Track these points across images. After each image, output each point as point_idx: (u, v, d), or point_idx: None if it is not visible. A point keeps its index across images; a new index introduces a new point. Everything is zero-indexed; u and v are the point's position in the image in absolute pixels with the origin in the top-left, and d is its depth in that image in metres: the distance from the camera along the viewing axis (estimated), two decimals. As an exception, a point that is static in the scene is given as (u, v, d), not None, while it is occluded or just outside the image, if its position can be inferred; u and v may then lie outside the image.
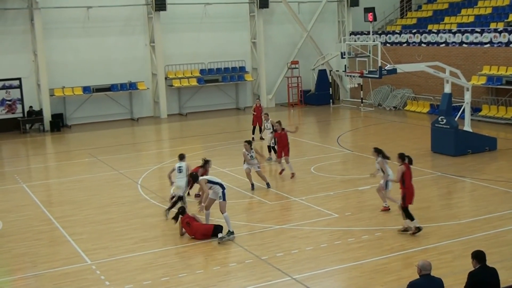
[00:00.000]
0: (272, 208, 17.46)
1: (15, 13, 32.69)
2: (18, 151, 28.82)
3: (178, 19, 36.06)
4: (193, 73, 36.81)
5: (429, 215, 16.54)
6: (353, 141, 27.38)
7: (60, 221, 16.95)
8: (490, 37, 31.22)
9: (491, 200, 17.34)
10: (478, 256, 9.28)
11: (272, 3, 37.84)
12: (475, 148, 23.13)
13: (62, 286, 12.70)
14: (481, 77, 30.81)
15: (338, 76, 39.70)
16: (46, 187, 21.86)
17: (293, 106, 38.49)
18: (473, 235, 14.57)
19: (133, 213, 17.48)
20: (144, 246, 14.76)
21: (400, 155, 14.79)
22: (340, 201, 17.88)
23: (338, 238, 14.73)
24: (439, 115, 23.39)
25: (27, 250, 14.78)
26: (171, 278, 12.81)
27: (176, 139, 30.20)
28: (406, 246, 13.98)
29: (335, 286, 12.41)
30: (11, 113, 33.13)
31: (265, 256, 13.73)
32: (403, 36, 36.29)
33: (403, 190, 14.51)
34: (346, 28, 39.91)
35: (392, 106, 35.32)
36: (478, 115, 30.18)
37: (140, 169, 22.81)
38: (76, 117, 34.48)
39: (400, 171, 14.50)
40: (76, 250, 14.61)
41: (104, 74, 34.62)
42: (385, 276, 12.43)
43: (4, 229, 16.57)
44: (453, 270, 12.27)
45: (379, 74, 24.12)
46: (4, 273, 13.83)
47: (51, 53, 33.19)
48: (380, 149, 16.49)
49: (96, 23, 34.33)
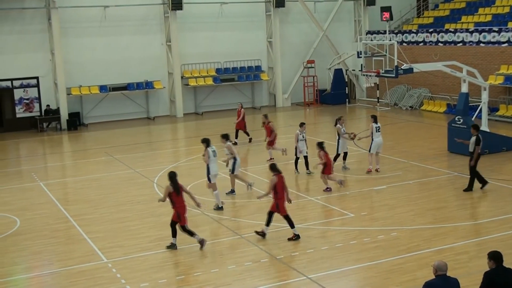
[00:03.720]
0: (287, 207, 17.41)
1: (33, 13, 32.94)
2: (35, 150, 29.03)
3: (194, 18, 36.14)
4: (209, 72, 36.89)
5: (445, 215, 16.47)
6: (368, 141, 27.23)
7: (76, 219, 17.06)
8: (508, 36, 30.97)
9: (508, 201, 17.22)
10: (495, 256, 9.20)
11: (288, 2, 37.83)
12: (492, 148, 22.98)
13: (78, 284, 12.78)
14: (498, 76, 30.59)
15: (354, 75, 39.59)
16: (63, 185, 22.01)
17: (309, 105, 38.45)
18: (490, 235, 14.48)
19: (148, 211, 17.55)
20: (160, 244, 14.80)
21: (272, 166, 14.95)
22: (356, 201, 17.84)
23: (353, 238, 14.69)
24: (456, 114, 23.28)
25: (44, 248, 14.89)
26: (186, 277, 12.85)
27: (192, 138, 30.24)
28: (422, 247, 13.91)
29: (350, 286, 12.38)
30: (28, 111, 33.41)
31: (280, 256, 13.73)
32: (420, 35, 36.11)
33: (276, 200, 14.60)
34: (363, 27, 39.81)
35: (408, 106, 35.15)
36: (495, 115, 29.97)
37: (156, 167, 22.90)
38: (92, 115, 34.68)
39: (272, 182, 14.57)
40: (92, 248, 14.69)
41: (121, 73, 34.80)
42: (400, 277, 12.38)
43: (21, 227, 16.70)
44: (469, 270, 12.20)
45: (396, 74, 24.04)
46: (21, 270, 13.95)
47: (68, 52, 33.40)
48: (226, 134, 18.70)
49: (113, 22, 34.50)
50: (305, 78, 38.61)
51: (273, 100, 39.01)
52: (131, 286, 12.49)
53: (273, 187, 14.52)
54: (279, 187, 14.56)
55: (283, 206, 14.65)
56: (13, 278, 13.53)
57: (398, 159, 22.39)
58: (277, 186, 14.53)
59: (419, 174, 20.41)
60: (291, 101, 38.88)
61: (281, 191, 14.60)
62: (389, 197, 18.02)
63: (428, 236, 14.62)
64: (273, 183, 14.54)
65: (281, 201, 14.59)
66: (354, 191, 18.87)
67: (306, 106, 38.24)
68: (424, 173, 20.51)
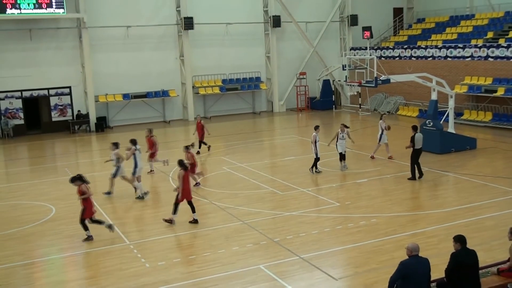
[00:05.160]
0: (283, 198, 17.43)
1: (66, 32, 32.90)
2: (68, 148, 28.99)
3: (204, 36, 36.10)
4: (216, 82, 36.84)
5: (418, 204, 16.47)
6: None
7: (103, 208, 17.03)
8: (471, 52, 30.97)
9: (471, 192, 17.20)
10: (460, 239, 9.20)
11: (283, 23, 37.77)
12: (458, 147, 22.98)
13: (105, 262, 12.78)
14: (463, 86, 30.58)
15: (339, 85, 39.53)
16: (92, 179, 21.80)
17: (301, 110, 38.40)
18: (456, 221, 14.46)
19: (165, 201, 17.51)
20: (174, 229, 14.79)
21: (180, 162, 15.06)
22: (341, 192, 17.82)
23: (339, 224, 14.67)
24: (427, 118, 23.26)
25: (76, 232, 14.83)
26: (197, 257, 12.83)
27: (201, 138, 30.19)
28: (398, 231, 13.89)
29: (337, 264, 12.36)
30: (62, 116, 33.38)
31: (277, 238, 13.71)
32: (396, 51, 36.07)
33: (180, 189, 14.74)
34: (347, 44, 39.76)
35: (386, 111, 35.11)
36: (461, 119, 29.94)
37: (170, 163, 22.79)
38: (117, 119, 34.64)
39: (180, 175, 14.71)
40: (117, 232, 14.66)
41: (141, 83, 34.75)
42: (380, 256, 12.37)
43: (56, 214, 16.70)
44: (438, 252, 12.17)
45: (375, 84, 24.02)
46: (57, 251, 13.94)
47: (96, 65, 33.38)
48: (116, 142, 18.42)
49: (134, 40, 34.46)
50: (298, 87, 38.57)
51: (270, 106, 38.97)
52: (150, 264, 12.47)
53: (182, 179, 14.66)
54: (186, 181, 14.74)
55: (189, 194, 14.85)
56: (50, 258, 13.53)
57: (377, 156, 22.36)
58: (184, 179, 14.68)
59: (396, 169, 20.39)
60: (286, 107, 38.84)
61: (187, 184, 14.79)
62: (369, 188, 18.00)
63: (403, 222, 14.60)
64: (181, 176, 14.66)
65: (185, 192, 14.74)
66: (340, 183, 18.84)
67: (298, 111, 38.19)
68: (399, 168, 20.49)
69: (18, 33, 31.71)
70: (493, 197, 16.50)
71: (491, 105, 29.48)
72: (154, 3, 34.90)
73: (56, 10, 31.45)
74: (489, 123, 28.77)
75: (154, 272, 12.09)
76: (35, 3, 31.01)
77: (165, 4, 35.15)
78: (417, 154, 18.95)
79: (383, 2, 41.32)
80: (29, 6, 30.92)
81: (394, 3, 41.90)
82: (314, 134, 20.09)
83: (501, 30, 33.10)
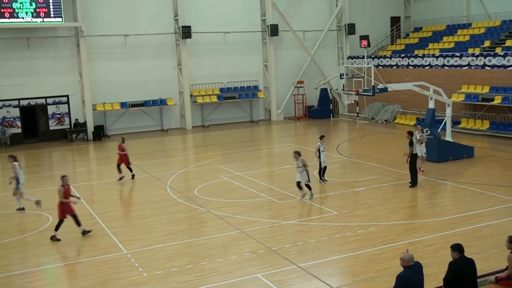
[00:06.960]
0: (281, 206, 17.41)
1: (64, 40, 32.96)
2: (66, 157, 28.96)
3: (202, 45, 36.18)
4: (214, 91, 36.87)
5: (416, 212, 16.46)
6: (350, 149, 27.25)
7: (100, 217, 17.00)
8: (468, 61, 31.09)
9: (469, 200, 17.20)
10: (458, 248, 9.20)
11: (281, 31, 37.89)
12: (455, 155, 23.00)
13: (102, 272, 12.71)
14: (460, 94, 30.65)
15: (337, 93, 39.63)
16: (89, 187, 21.93)
17: (298, 119, 38.43)
18: (454, 230, 14.45)
19: (162, 210, 17.49)
20: (172, 238, 14.76)
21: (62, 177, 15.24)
22: (339, 201, 17.80)
23: (337, 232, 14.65)
24: (424, 127, 23.27)
25: (72, 241, 14.82)
26: (195, 266, 12.79)
27: (199, 147, 30.23)
28: (396, 239, 13.88)
29: (335, 273, 12.34)
30: (60, 124, 33.37)
31: (274, 247, 13.68)
32: (393, 60, 36.19)
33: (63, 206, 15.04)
34: (344, 53, 39.88)
35: (383, 119, 35.17)
36: (458, 127, 30.00)
37: (168, 172, 22.85)
38: (114, 128, 34.62)
39: (58, 191, 15.01)
40: (114, 241, 14.64)
41: (139, 92, 34.78)
42: (377, 265, 12.34)
43: (53, 223, 16.60)
44: (436, 260, 12.16)
45: (373, 92, 24.06)
46: (53, 260, 13.88)
47: (94, 74, 33.41)
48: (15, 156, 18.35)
49: (132, 49, 34.52)
50: (296, 96, 38.61)
51: (268, 114, 39.00)
52: (147, 274, 12.43)
53: (63, 195, 14.92)
54: (67, 196, 15.03)
55: (71, 209, 15.09)
56: (46, 267, 13.48)
57: (375, 165, 22.38)
58: (65, 195, 14.98)
59: (393, 178, 20.39)
60: (283, 115, 38.86)
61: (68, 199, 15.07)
62: (367, 197, 17.99)
63: (401, 230, 14.58)
64: (61, 193, 14.94)
65: (67, 207, 15.04)
66: (338, 192, 18.84)
67: (296, 120, 38.23)
68: (397, 176, 20.49)
69: (16, 42, 31.77)
70: (491, 205, 16.50)
71: (488, 113, 29.55)
72: (152, 12, 35.01)
73: (54, 19, 31.52)
74: (487, 132, 28.83)
75: (151, 281, 12.04)
76: (33, 12, 31.10)
77: (163, 13, 35.26)
78: (415, 159, 19.05)
79: (381, 11, 41.51)
80: (27, 15, 31.00)
81: (391, 12, 42.09)
82: (319, 144, 19.96)
83: (497, 39, 33.25)
